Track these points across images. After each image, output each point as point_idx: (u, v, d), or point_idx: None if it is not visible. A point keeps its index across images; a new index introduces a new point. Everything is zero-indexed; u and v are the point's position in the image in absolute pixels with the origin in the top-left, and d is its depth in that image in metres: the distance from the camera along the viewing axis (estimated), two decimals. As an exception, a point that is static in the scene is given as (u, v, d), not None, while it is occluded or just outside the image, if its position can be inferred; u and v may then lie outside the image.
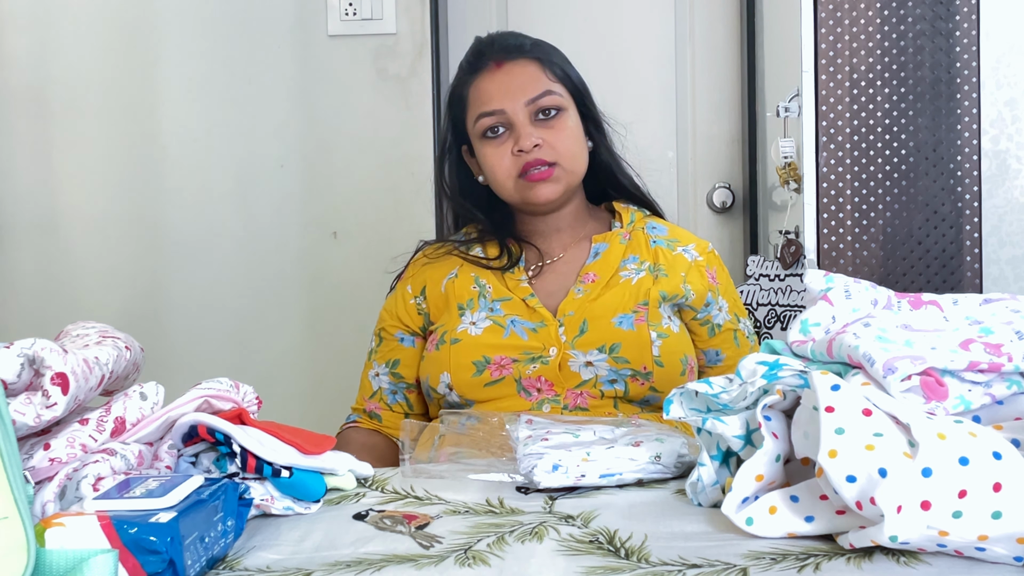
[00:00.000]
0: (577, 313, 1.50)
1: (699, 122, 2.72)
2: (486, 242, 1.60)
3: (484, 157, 1.54)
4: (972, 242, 2.05)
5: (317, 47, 2.54)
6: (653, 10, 2.70)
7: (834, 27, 2.04)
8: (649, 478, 1.08)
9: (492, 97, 1.52)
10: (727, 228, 2.72)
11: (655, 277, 1.54)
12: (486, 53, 1.57)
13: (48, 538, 0.75)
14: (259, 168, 2.56)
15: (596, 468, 1.07)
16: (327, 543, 0.92)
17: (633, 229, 1.60)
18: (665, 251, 1.57)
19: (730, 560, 0.83)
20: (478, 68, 1.56)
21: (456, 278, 1.57)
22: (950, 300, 1.00)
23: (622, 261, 1.56)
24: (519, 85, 1.52)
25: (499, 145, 1.52)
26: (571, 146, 1.53)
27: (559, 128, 1.52)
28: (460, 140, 1.61)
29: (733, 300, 1.61)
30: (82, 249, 2.60)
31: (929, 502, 0.78)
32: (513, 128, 1.51)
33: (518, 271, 1.56)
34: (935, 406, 0.87)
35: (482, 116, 1.52)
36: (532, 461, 1.07)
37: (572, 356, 1.47)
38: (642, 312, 1.50)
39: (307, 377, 2.56)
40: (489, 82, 1.54)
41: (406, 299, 1.61)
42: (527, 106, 1.51)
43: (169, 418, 1.01)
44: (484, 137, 1.54)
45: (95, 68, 2.56)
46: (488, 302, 1.53)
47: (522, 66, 1.55)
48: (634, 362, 1.47)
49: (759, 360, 0.97)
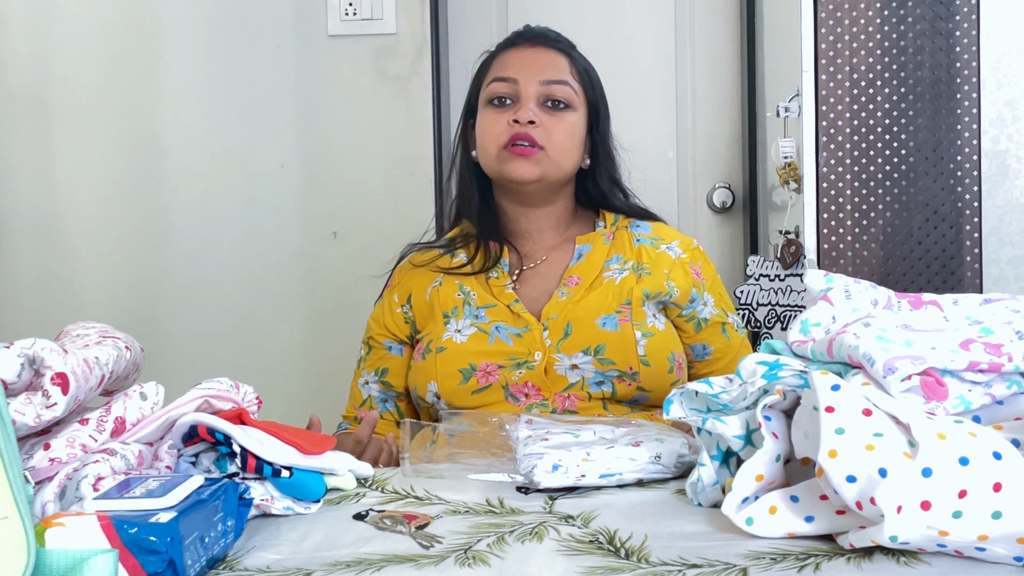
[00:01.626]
0: (561, 316, 1.50)
1: (699, 122, 2.72)
2: (470, 245, 1.60)
3: (481, 123, 1.56)
4: (972, 242, 2.05)
5: (317, 47, 2.54)
6: (653, 10, 2.70)
7: (834, 27, 2.04)
8: (649, 478, 1.08)
9: (511, 66, 1.55)
10: (727, 228, 2.72)
11: (638, 276, 1.53)
12: (524, 34, 1.61)
13: (48, 538, 0.75)
14: (259, 168, 2.56)
15: (596, 468, 1.06)
16: (327, 543, 0.92)
17: (617, 229, 1.60)
18: (648, 249, 1.57)
19: (730, 560, 0.83)
20: (511, 44, 1.60)
21: (440, 286, 1.57)
22: (950, 300, 1.00)
23: (605, 261, 1.55)
24: (542, 65, 1.55)
25: (500, 112, 1.54)
26: (564, 140, 1.53)
27: (561, 120, 1.53)
28: (471, 113, 1.62)
29: (719, 295, 1.60)
30: (82, 249, 2.60)
31: (929, 502, 0.78)
32: (518, 102, 1.53)
33: (502, 275, 1.56)
34: (935, 406, 0.87)
35: (495, 80, 1.55)
36: (532, 461, 1.07)
37: (557, 360, 1.47)
38: (625, 312, 1.49)
39: (307, 377, 2.56)
40: (516, 54, 1.57)
41: (392, 308, 1.61)
42: (540, 85, 1.53)
43: (169, 418, 1.01)
44: (489, 104, 1.55)
45: (95, 68, 2.56)
46: (473, 309, 1.53)
47: (553, 54, 1.57)
48: (619, 363, 1.46)
49: (759, 360, 0.97)
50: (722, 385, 0.99)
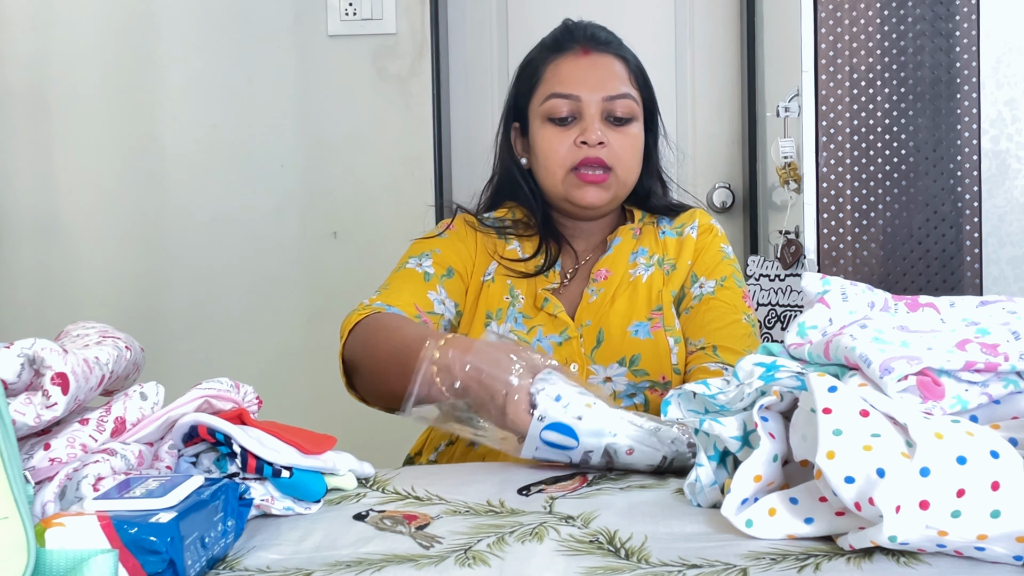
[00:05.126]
0: (594, 323, 1.45)
1: (699, 122, 2.72)
2: (522, 236, 1.54)
3: (542, 139, 1.48)
4: (972, 242, 2.05)
5: (317, 47, 2.54)
6: (653, 10, 2.70)
7: (834, 27, 2.04)
8: (639, 448, 1.08)
9: (572, 81, 1.47)
10: (727, 228, 2.72)
11: (665, 274, 1.50)
12: (575, 35, 1.52)
13: (48, 538, 0.76)
14: (259, 168, 2.56)
15: (596, 418, 1.06)
16: (327, 543, 0.92)
17: (644, 224, 1.57)
18: (673, 241, 1.53)
19: (730, 560, 0.83)
20: (563, 48, 1.51)
21: (492, 282, 1.50)
22: (947, 302, 1.00)
23: (631, 254, 1.51)
24: (601, 78, 1.47)
25: (562, 131, 1.47)
26: (631, 158, 1.49)
27: (626, 135, 1.48)
28: (516, 116, 1.55)
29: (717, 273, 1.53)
30: (82, 249, 2.60)
31: (928, 502, 0.78)
32: (581, 119, 1.47)
33: (553, 275, 1.51)
34: (932, 406, 0.87)
35: (554, 96, 1.47)
36: (540, 386, 1.07)
37: (593, 372, 1.43)
38: (657, 319, 1.46)
39: (307, 377, 2.57)
40: (572, 65, 1.49)
41: (464, 240, 1.52)
42: (604, 102, 1.46)
43: (169, 418, 1.01)
44: (548, 119, 1.48)
45: (95, 68, 2.56)
46: (516, 311, 1.47)
47: (608, 61, 1.50)
48: (653, 373, 1.43)
49: (756, 361, 0.97)
50: (719, 386, 0.99)
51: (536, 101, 1.50)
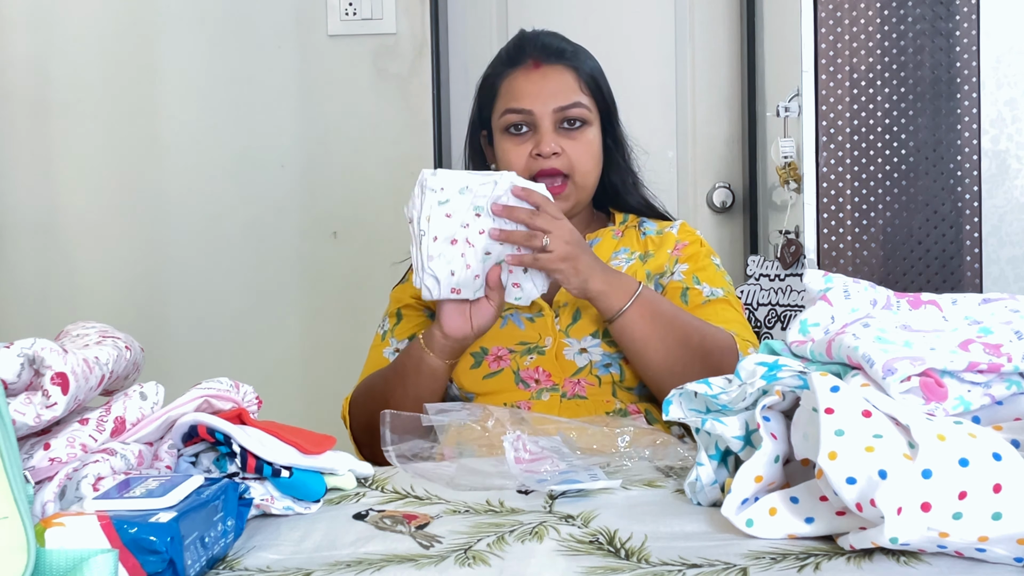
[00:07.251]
0: (571, 303, 1.51)
1: (699, 122, 2.72)
2: None
3: (503, 152, 1.56)
4: (972, 242, 2.05)
5: (317, 47, 2.54)
6: (653, 10, 2.70)
7: (834, 27, 2.04)
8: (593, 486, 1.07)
9: (523, 96, 1.54)
10: (727, 228, 2.72)
11: (644, 261, 1.56)
12: (527, 49, 1.58)
13: (48, 538, 0.75)
14: (259, 168, 2.56)
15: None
16: (327, 543, 0.92)
17: (626, 227, 1.62)
18: (654, 238, 1.60)
19: (730, 560, 0.83)
20: (516, 62, 1.57)
21: None
22: (949, 300, 1.00)
23: (613, 253, 1.57)
24: (551, 91, 1.54)
25: (519, 144, 1.54)
26: (587, 161, 1.55)
27: (580, 140, 1.54)
28: (482, 125, 1.63)
29: (700, 268, 1.56)
30: (82, 249, 2.60)
31: (929, 503, 0.78)
32: (536, 130, 1.53)
33: None
34: (935, 407, 0.86)
35: (509, 112, 1.54)
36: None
37: (567, 344, 1.49)
38: None
39: (307, 377, 2.56)
40: (524, 80, 1.55)
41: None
42: (555, 113, 1.53)
43: (169, 418, 1.01)
44: (506, 132, 1.55)
45: (95, 68, 2.56)
46: None
47: (558, 72, 1.56)
48: None
49: (758, 361, 0.97)
50: (721, 386, 0.99)
51: (496, 115, 1.58)
